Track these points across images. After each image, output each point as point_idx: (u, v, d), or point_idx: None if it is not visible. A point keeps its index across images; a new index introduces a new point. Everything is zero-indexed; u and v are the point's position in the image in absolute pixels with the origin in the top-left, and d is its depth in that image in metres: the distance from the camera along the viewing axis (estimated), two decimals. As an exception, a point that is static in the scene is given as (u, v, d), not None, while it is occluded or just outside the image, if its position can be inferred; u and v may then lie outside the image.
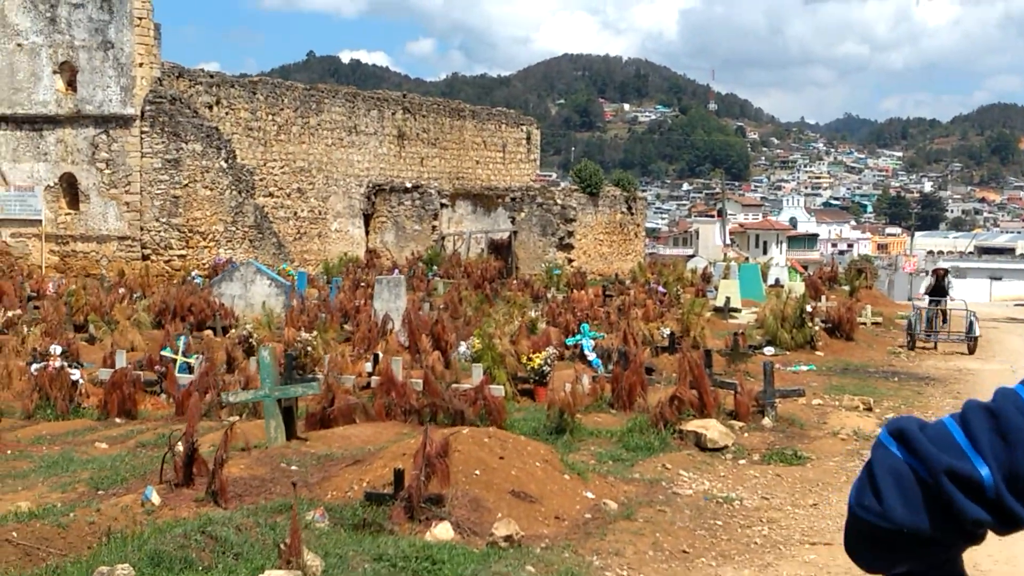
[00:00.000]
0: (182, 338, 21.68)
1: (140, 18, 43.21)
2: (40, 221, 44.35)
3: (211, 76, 47.43)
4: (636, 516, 11.84)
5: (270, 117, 49.66)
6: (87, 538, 9.87)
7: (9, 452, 14.17)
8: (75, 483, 12.23)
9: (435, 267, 46.62)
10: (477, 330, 20.79)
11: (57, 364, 17.93)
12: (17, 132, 44.43)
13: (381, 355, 20.21)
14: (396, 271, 43.69)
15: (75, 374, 18.03)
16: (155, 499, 10.96)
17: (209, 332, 28.26)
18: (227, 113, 47.29)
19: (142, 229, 43.14)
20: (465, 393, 16.27)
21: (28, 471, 13.08)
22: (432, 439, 10.79)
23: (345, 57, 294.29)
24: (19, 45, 44.20)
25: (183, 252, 42.91)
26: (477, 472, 11.40)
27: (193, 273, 39.96)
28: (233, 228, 44.27)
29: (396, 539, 9.97)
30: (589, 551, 10.60)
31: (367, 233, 54.70)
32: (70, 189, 44.04)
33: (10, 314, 28.29)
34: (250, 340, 23.37)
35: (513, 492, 11.34)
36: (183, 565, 8.95)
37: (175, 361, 19.94)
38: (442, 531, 10.37)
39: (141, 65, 43.15)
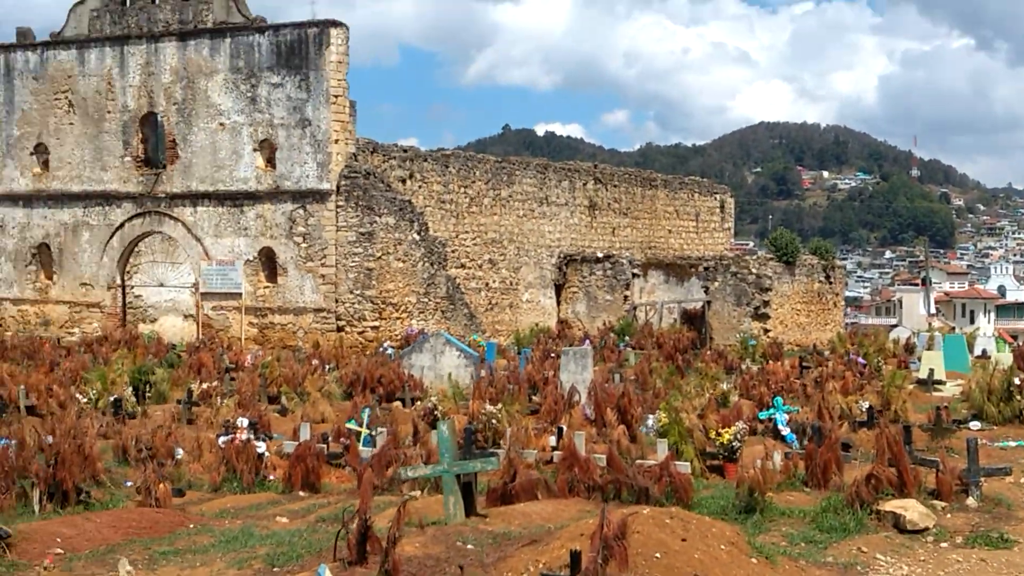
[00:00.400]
0: (366, 410, 21.78)
1: (336, 96, 44.13)
2: (240, 294, 45.42)
3: (404, 151, 48.12)
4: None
5: (462, 189, 50.18)
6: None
7: (192, 526, 14.27)
8: (252, 559, 12.19)
9: (626, 337, 46.19)
10: (663, 403, 20.31)
11: (244, 437, 18.16)
12: (219, 208, 45.71)
13: (565, 429, 19.97)
14: (587, 341, 43.51)
15: (261, 447, 18.22)
16: (328, 578, 10.87)
17: (398, 404, 28.42)
18: (420, 186, 47.93)
19: (337, 301, 43.83)
20: (650, 469, 15.88)
21: (208, 546, 13.12)
22: (610, 520, 10.48)
23: (540, 130, 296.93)
24: (221, 124, 45.57)
25: (376, 323, 43.43)
26: (657, 555, 10.97)
27: (385, 344, 40.35)
28: (425, 299, 44.68)
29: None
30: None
31: (558, 303, 54.71)
32: (268, 263, 45.03)
33: (205, 386, 28.89)
34: (435, 412, 23.37)
35: (696, 577, 10.92)
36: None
37: (359, 433, 20.03)
38: (618, 617, 10.06)
39: (337, 141, 44.02)
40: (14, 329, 48.03)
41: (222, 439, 18.50)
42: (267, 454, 18.32)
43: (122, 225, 47.74)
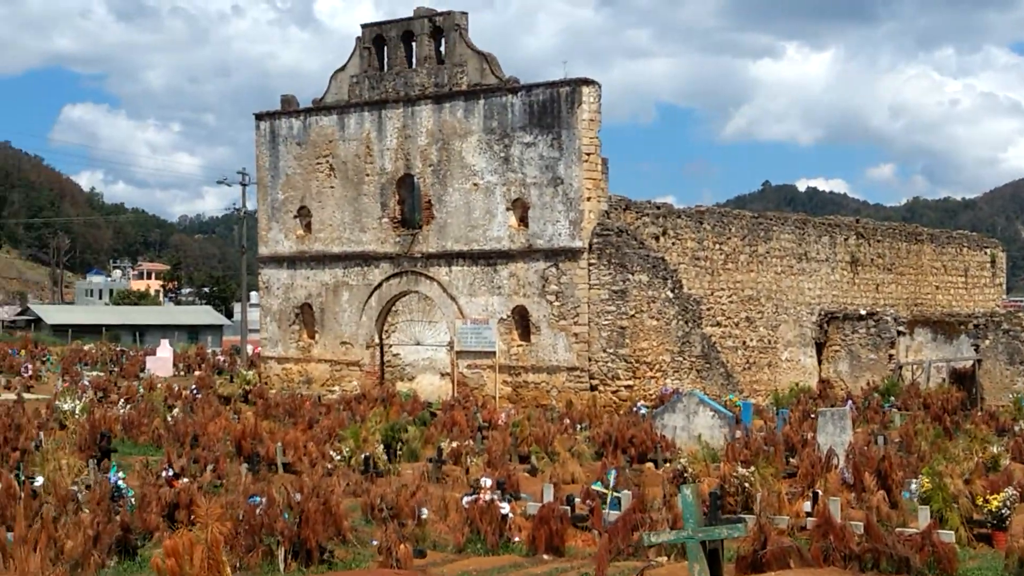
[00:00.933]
0: (612, 472, 21.29)
1: (588, 154, 44.00)
2: (494, 353, 45.56)
3: (657, 207, 47.65)
4: None
5: (717, 246, 49.41)
6: None
7: (433, 591, 14.03)
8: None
9: (891, 398, 44.51)
10: (926, 468, 19.13)
11: (488, 497, 17.87)
12: (473, 267, 46.03)
13: (820, 493, 19.09)
14: (849, 402, 42.12)
15: (504, 508, 17.91)
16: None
17: (650, 465, 27.89)
18: (673, 243, 47.35)
19: (590, 360, 43.53)
20: (911, 538, 14.96)
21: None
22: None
23: (801, 185, 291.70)
24: (475, 184, 45.97)
25: (630, 382, 42.92)
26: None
27: (639, 404, 39.78)
28: (680, 358, 43.99)
29: None
30: None
31: (819, 362, 53.25)
32: (522, 321, 45.07)
33: (455, 444, 28.91)
34: (684, 474, 22.74)
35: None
36: None
37: (606, 495, 19.56)
38: None
39: (589, 199, 43.87)
40: (278, 387, 49.21)
41: (466, 499, 18.30)
42: (511, 515, 18.01)
43: (380, 285, 48.55)
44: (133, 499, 19.15)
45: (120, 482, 19.87)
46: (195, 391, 45.00)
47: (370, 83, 48.89)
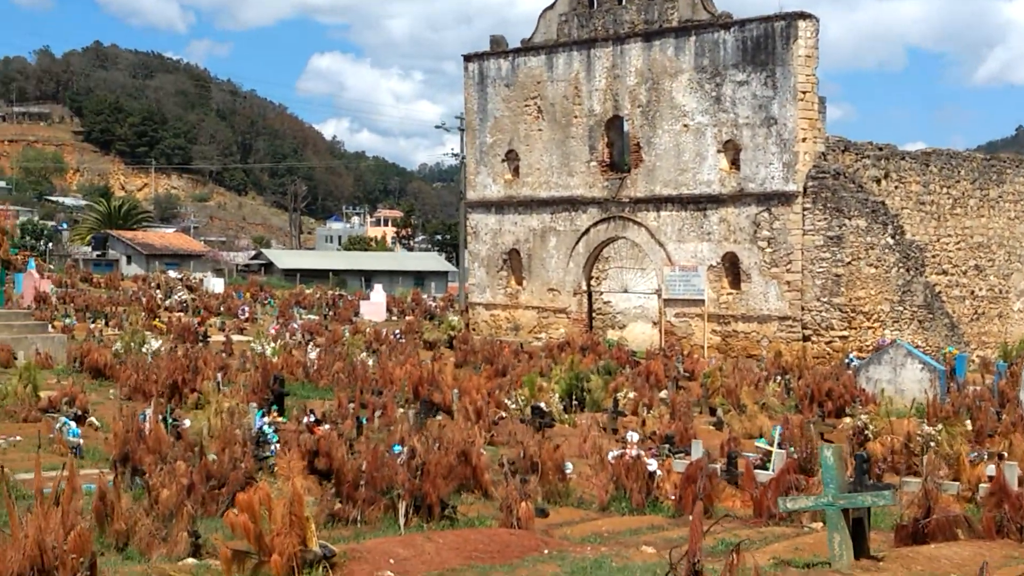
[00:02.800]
0: (778, 428, 19.82)
1: (804, 92, 42.16)
2: (703, 301, 44.22)
3: (880, 148, 45.29)
4: None
5: (944, 190, 46.81)
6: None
7: (546, 552, 12.88)
8: (583, 599, 10.68)
9: None
10: None
11: (634, 452, 16.70)
12: (682, 212, 44.72)
13: (1005, 456, 17.29)
14: (1082, 356, 39.47)
15: (652, 464, 16.71)
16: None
17: (848, 420, 26.18)
18: (896, 187, 45.02)
19: (803, 309, 41.83)
20: (1098, 511, 13.19)
21: (545, 577, 11.71)
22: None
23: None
24: (685, 126, 44.61)
25: (845, 333, 41.05)
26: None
27: (851, 355, 37.92)
28: (900, 308, 41.80)
29: None
30: None
31: (1056, 314, 50.20)
32: (732, 268, 43.63)
33: (633, 395, 27.76)
34: (865, 431, 21.13)
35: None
36: None
37: (768, 454, 18.14)
38: None
39: (804, 140, 42.04)
40: (485, 333, 48.76)
41: (612, 454, 17.17)
42: (658, 472, 16.79)
43: (587, 231, 47.60)
44: (276, 445, 18.57)
45: (266, 427, 19.34)
46: (398, 335, 44.83)
47: (579, 21, 47.78)
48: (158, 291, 62.76)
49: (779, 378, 32.86)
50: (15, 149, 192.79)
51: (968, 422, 22.46)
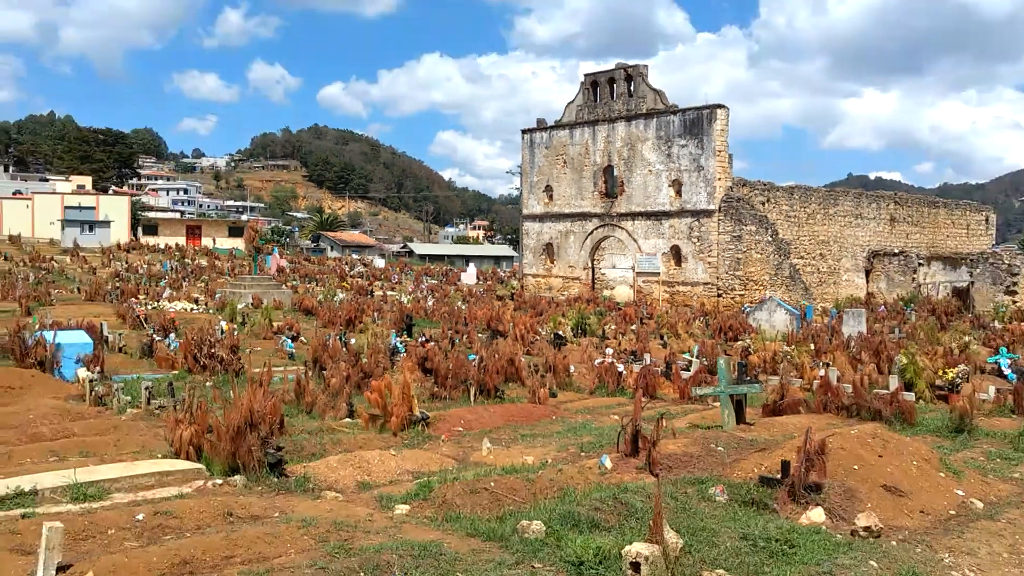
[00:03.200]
0: (696, 347, 19.30)
1: (719, 151, 41.25)
2: (659, 273, 43.41)
3: (764, 184, 44.12)
4: (1000, 517, 7.77)
5: (802, 208, 45.56)
6: (545, 491, 7.98)
7: (555, 417, 12.61)
8: (573, 445, 10.37)
9: (911, 305, 40.39)
10: (903, 350, 16.48)
11: (610, 360, 16.28)
12: (647, 222, 43.90)
13: (830, 364, 16.72)
14: (882, 306, 38.41)
15: (620, 368, 16.32)
16: (608, 464, 8.89)
17: (740, 343, 25.57)
18: (773, 207, 43.85)
19: (718, 279, 40.96)
20: (882, 396, 12.68)
21: (553, 432, 11.42)
22: (811, 438, 7.88)
23: (872, 175, 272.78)
24: (650, 171, 43.70)
25: (743, 292, 40.17)
26: (856, 467, 8.22)
27: (745, 306, 37.17)
28: (775, 278, 40.81)
29: (766, 520, 7.21)
30: (943, 548, 6.87)
31: (867, 282, 48.83)
32: (676, 254, 42.76)
33: (613, 327, 27.25)
34: (748, 351, 20.57)
35: (884, 486, 8.03)
36: (590, 525, 6.85)
37: (690, 362, 17.63)
38: (816, 515, 7.47)
39: (719, 179, 41.08)
40: (532, 292, 48.26)
41: (596, 361, 16.80)
42: (624, 372, 16.40)
43: (591, 232, 46.85)
44: (403, 354, 18.34)
45: (399, 344, 19.11)
46: (482, 292, 44.49)
47: (588, 109, 46.92)
48: (346, 266, 62.75)
49: (702, 319, 32.24)
50: (269, 186, 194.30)
51: (812, 345, 21.90)
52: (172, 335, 17.84)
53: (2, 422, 11.11)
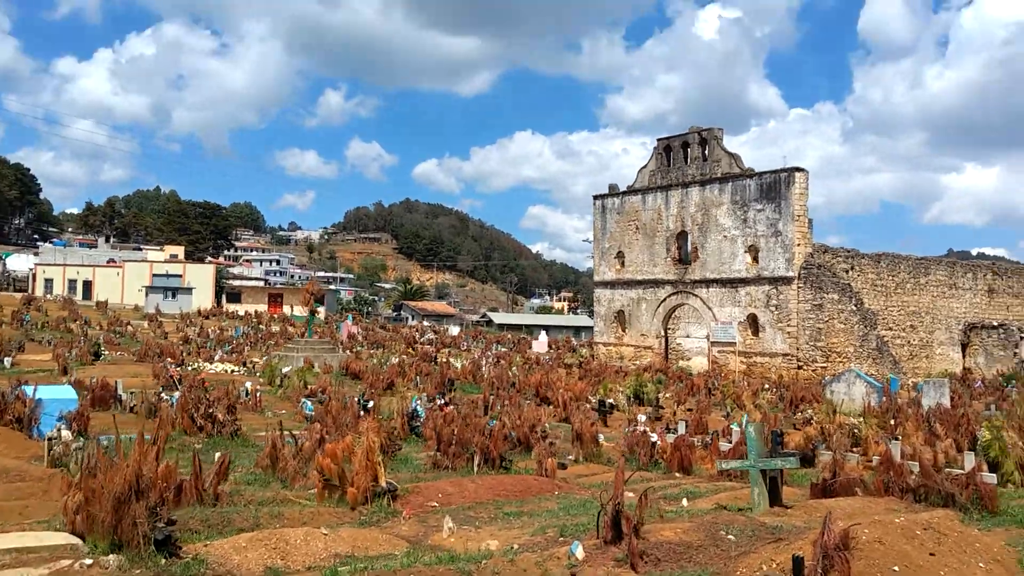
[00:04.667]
0: (745, 416, 17.06)
1: (799, 216, 38.92)
2: (735, 343, 40.88)
3: (848, 251, 41.51)
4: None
5: (890, 277, 42.60)
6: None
7: (556, 492, 10.68)
8: (556, 527, 8.43)
9: (1013, 382, 36.70)
10: (986, 423, 13.92)
11: (641, 429, 14.27)
12: (722, 289, 41.62)
13: (900, 439, 14.28)
14: (979, 383, 34.97)
15: (653, 437, 14.26)
16: (579, 554, 6.99)
17: (799, 414, 22.97)
18: (858, 275, 41.10)
19: (797, 349, 38.22)
20: (956, 478, 10.36)
21: (546, 511, 9.51)
22: (831, 528, 5.87)
23: (974, 251, 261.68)
24: (724, 236, 41.61)
25: (824, 364, 37.31)
26: (896, 568, 6.11)
27: (827, 378, 34.25)
28: (861, 349, 37.87)
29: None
30: None
31: (964, 357, 45.09)
32: (752, 323, 40.24)
33: (668, 395, 25.03)
34: (810, 421, 18.17)
35: (935, 596, 5.93)
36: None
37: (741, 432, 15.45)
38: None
39: (799, 245, 38.65)
40: (602, 360, 46.18)
41: (626, 430, 14.82)
42: (658, 442, 14.32)
43: (664, 299, 44.74)
44: (422, 418, 16.68)
45: (419, 407, 17.49)
46: (548, 360, 42.70)
47: (661, 174, 45.29)
48: (417, 333, 61.83)
49: (776, 389, 29.64)
50: (359, 257, 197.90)
51: (892, 420, 19.35)
52: (176, 394, 16.70)
53: (-72, 483, 9.88)
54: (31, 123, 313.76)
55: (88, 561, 6.64)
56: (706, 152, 43.43)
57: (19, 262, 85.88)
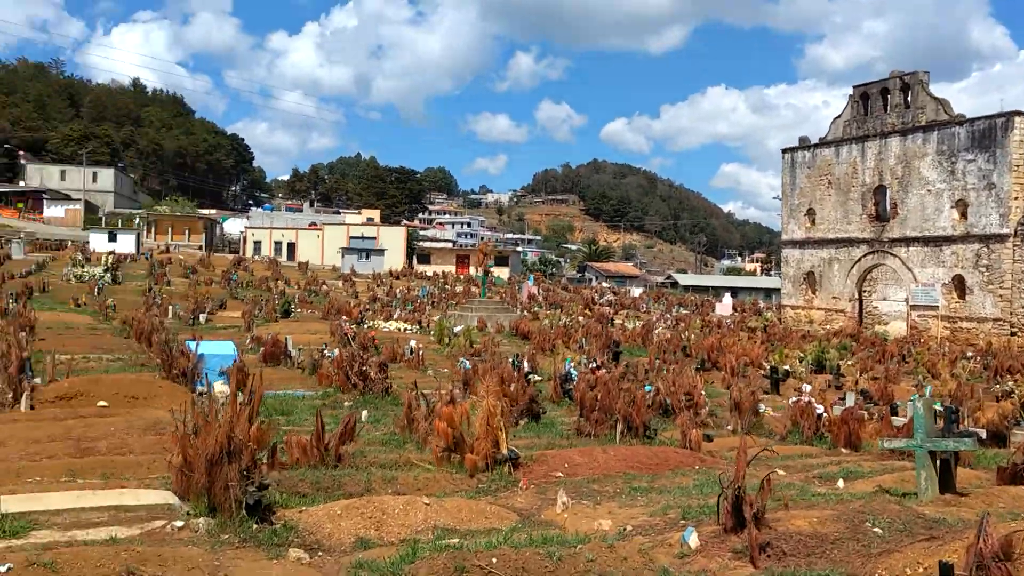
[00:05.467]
0: (928, 387, 15.13)
1: (1017, 166, 34.81)
2: (937, 307, 37.43)
3: (1076, 204, 36.75)
4: None
5: None
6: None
7: (697, 467, 9.69)
8: (681, 507, 7.51)
9: None
10: None
11: (805, 400, 12.89)
12: (924, 248, 38.14)
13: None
14: None
15: (819, 408, 12.85)
16: (692, 543, 6.09)
17: (1000, 387, 20.42)
18: (1088, 231, 36.36)
19: (1011, 314, 34.44)
20: None
21: (678, 488, 8.57)
22: (988, 532, 4.69)
23: None
24: (928, 190, 38.01)
25: (1044, 332, 33.44)
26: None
27: (1044, 347, 30.64)
28: (1089, 316, 33.61)
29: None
30: None
31: None
32: (959, 285, 36.64)
33: (850, 363, 22.95)
34: (1011, 393, 15.95)
35: None
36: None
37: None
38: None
39: (1016, 199, 34.65)
40: (789, 324, 43.69)
41: (791, 400, 13.44)
42: (824, 414, 12.89)
43: (859, 260, 41.60)
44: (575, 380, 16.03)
45: (572, 369, 16.85)
46: (731, 323, 40.85)
47: (856, 124, 41.91)
48: (596, 295, 61.10)
49: (981, 358, 26.71)
50: (547, 219, 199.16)
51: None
52: (335, 351, 16.95)
53: (83, 433, 10.30)
54: (247, 96, 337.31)
55: (179, 523, 6.48)
56: (908, 99, 39.72)
57: (234, 225, 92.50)
